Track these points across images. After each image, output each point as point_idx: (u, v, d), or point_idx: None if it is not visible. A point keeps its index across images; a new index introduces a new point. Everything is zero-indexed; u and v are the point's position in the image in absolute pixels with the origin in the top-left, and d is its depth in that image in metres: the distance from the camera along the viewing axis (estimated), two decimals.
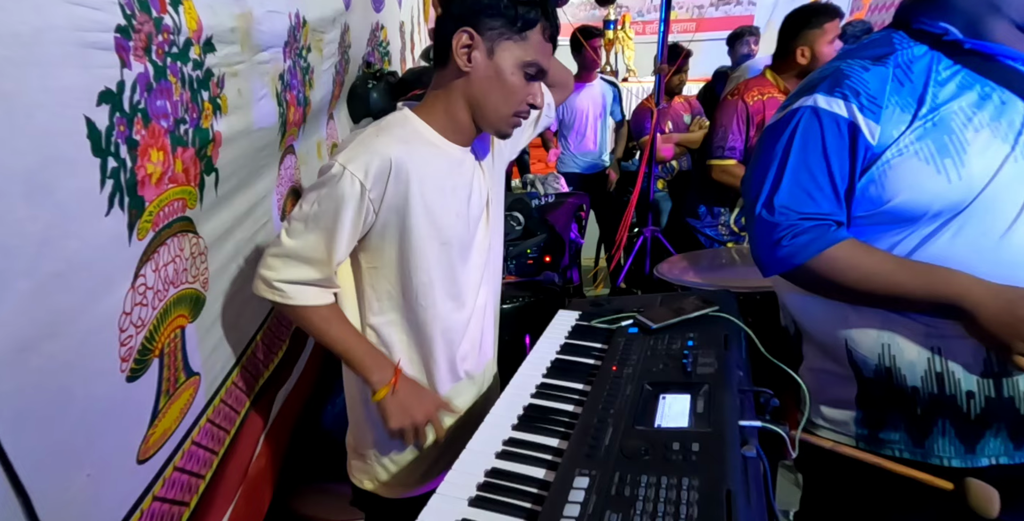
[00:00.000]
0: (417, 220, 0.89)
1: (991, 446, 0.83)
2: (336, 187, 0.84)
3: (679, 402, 0.77)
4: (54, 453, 0.57)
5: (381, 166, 0.84)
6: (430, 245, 0.92)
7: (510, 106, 0.90)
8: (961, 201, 0.77)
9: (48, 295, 0.56)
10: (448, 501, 0.67)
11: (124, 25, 0.68)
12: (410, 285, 0.94)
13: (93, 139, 0.62)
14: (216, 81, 0.96)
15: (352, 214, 0.85)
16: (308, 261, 0.87)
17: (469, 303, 1.01)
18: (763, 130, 0.91)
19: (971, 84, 0.78)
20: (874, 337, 0.87)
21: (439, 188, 0.91)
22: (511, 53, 0.86)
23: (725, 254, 2.00)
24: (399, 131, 0.90)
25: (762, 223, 0.88)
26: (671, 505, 0.57)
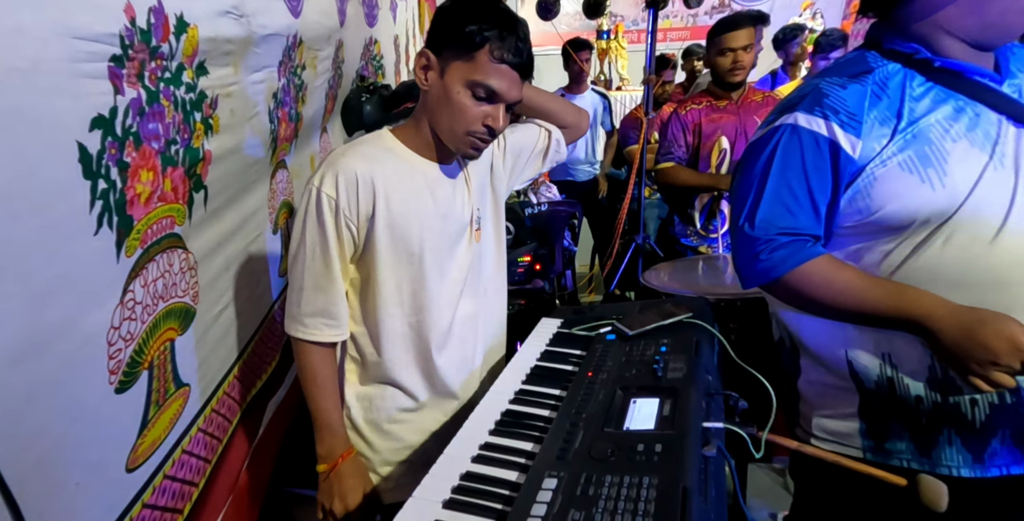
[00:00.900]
0: (382, 233, 0.92)
1: (1000, 455, 0.85)
2: (313, 210, 0.89)
3: (648, 406, 0.80)
4: (42, 462, 0.60)
5: (347, 180, 0.88)
6: (396, 258, 0.95)
7: (461, 125, 0.91)
8: (947, 208, 0.80)
9: (36, 312, 0.60)
10: (423, 504, 0.70)
11: (119, 55, 0.73)
12: (377, 297, 0.96)
13: (84, 163, 0.66)
14: (209, 102, 1.00)
15: (335, 232, 0.90)
16: (320, 288, 0.92)
17: (446, 318, 1.02)
18: (746, 146, 0.95)
19: (944, 99, 0.82)
20: (874, 348, 0.89)
21: (406, 202, 0.93)
22: (458, 72, 0.88)
23: (708, 262, 2.05)
24: (367, 149, 0.94)
25: (743, 237, 0.91)
26: (630, 502, 0.60)
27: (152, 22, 0.80)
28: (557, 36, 3.70)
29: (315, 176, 0.90)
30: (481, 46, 0.87)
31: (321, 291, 0.92)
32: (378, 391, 1.02)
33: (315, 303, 0.93)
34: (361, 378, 1.03)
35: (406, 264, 0.96)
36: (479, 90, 0.89)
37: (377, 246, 0.93)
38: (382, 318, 0.97)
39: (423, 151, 0.98)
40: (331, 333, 0.95)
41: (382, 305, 0.96)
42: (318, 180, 0.89)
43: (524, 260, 2.01)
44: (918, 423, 0.88)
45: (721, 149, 2.04)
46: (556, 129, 1.20)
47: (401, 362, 1.01)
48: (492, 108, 0.91)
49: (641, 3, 6.68)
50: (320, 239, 0.90)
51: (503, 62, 0.88)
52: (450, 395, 1.06)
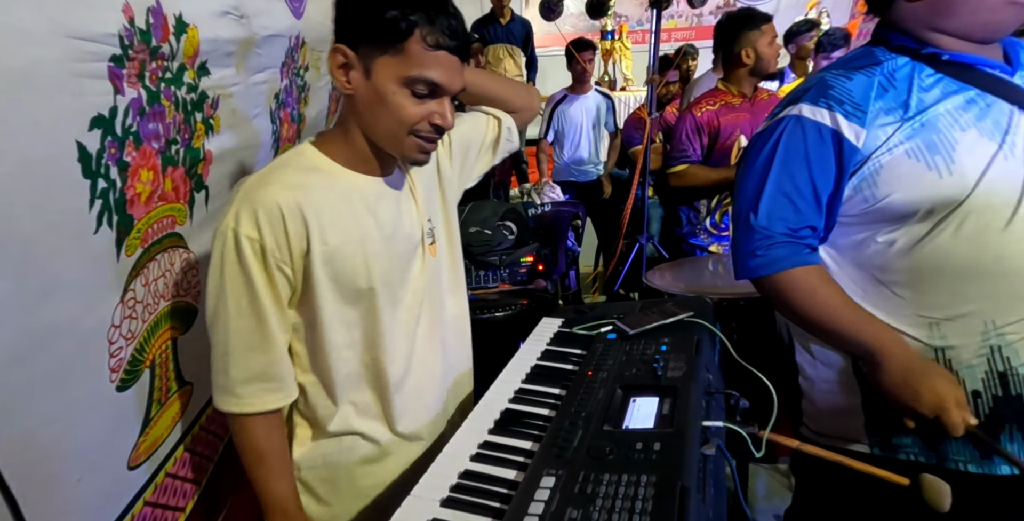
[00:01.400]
0: (320, 271, 0.78)
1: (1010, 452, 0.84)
2: (233, 257, 0.73)
3: (647, 404, 0.80)
4: (43, 460, 0.61)
5: (270, 216, 0.73)
6: (342, 296, 0.81)
7: (403, 128, 0.77)
8: (955, 197, 0.80)
9: (37, 310, 0.60)
10: (421, 502, 0.70)
11: (119, 55, 0.73)
12: (326, 341, 0.82)
13: (84, 162, 0.67)
14: (211, 103, 1.01)
15: (265, 279, 0.75)
16: (252, 347, 0.76)
17: (403, 349, 0.89)
18: (751, 137, 0.97)
19: (955, 90, 0.82)
20: None
21: (344, 231, 0.79)
22: (389, 70, 0.74)
23: (711, 262, 2.04)
24: (287, 173, 0.78)
25: (745, 229, 0.93)
26: (628, 501, 0.60)
27: (151, 22, 0.80)
28: (560, 37, 3.70)
29: (228, 215, 0.74)
30: (409, 34, 0.72)
31: (255, 351, 0.77)
32: (334, 445, 0.88)
33: (249, 367, 0.77)
34: (314, 434, 0.88)
35: (354, 301, 0.82)
36: (419, 87, 0.74)
37: (317, 286, 0.78)
38: (334, 363, 0.83)
39: (357, 165, 0.83)
40: (274, 398, 0.79)
41: (332, 349, 0.82)
42: (233, 220, 0.73)
43: (527, 260, 2.00)
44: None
45: (740, 147, 2.04)
46: (506, 115, 1.06)
47: (359, 407, 0.88)
48: (436, 104, 0.77)
49: (645, 3, 6.69)
50: (246, 290, 0.74)
51: (439, 48, 0.74)
52: (414, 436, 0.93)
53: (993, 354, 0.82)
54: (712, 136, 2.04)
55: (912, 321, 0.86)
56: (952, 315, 0.84)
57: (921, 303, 0.85)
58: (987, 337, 0.82)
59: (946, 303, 0.84)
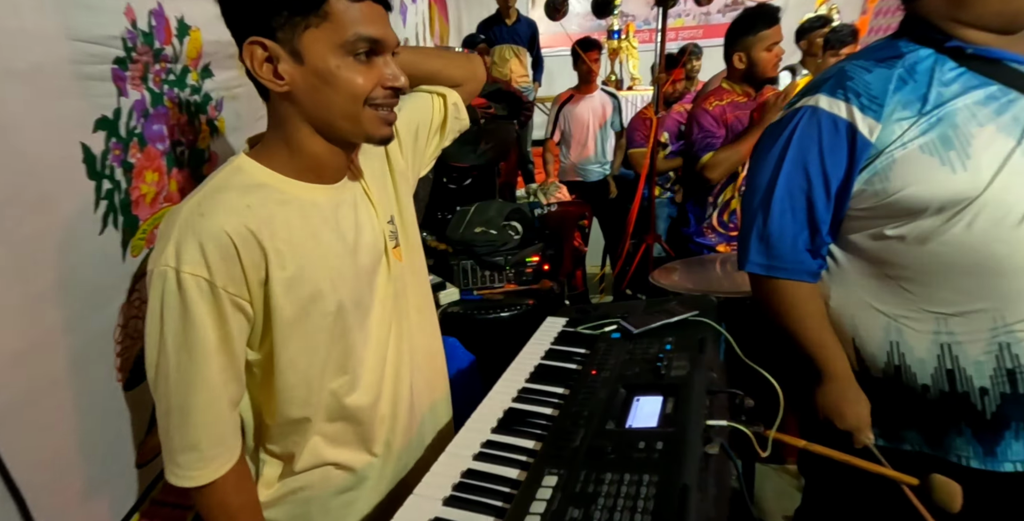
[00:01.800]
0: (283, 301, 0.68)
1: (1014, 450, 0.83)
2: (175, 301, 0.62)
3: (651, 404, 0.79)
4: (51, 457, 0.62)
5: (219, 247, 0.63)
6: (308, 324, 0.71)
7: (358, 102, 0.68)
8: (967, 192, 0.79)
9: (44, 309, 0.61)
10: (424, 501, 0.70)
11: (123, 57, 0.74)
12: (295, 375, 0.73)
13: (88, 163, 0.67)
14: (215, 104, 1.02)
15: (213, 327, 0.64)
16: (186, 411, 0.65)
17: (376, 368, 0.82)
18: (767, 126, 0.98)
19: (976, 84, 0.82)
20: (882, 336, 0.90)
21: (304, 252, 0.70)
22: (321, 43, 0.65)
23: (718, 261, 2.02)
24: (230, 196, 0.67)
25: (755, 221, 0.95)
26: (629, 500, 0.59)
27: (153, 25, 0.81)
28: (566, 37, 3.70)
29: (164, 253, 0.62)
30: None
31: (189, 415, 0.66)
32: (306, 480, 0.80)
33: (184, 434, 0.66)
34: (283, 471, 0.80)
35: (319, 327, 0.73)
36: (359, 46, 0.66)
37: (279, 317, 0.69)
38: (301, 394, 0.74)
39: (306, 175, 0.72)
40: (216, 466, 0.68)
41: (300, 381, 0.73)
42: (173, 258, 0.62)
43: (532, 260, 2.00)
44: (926, 411, 0.88)
45: None
46: (450, 91, 0.97)
47: (330, 437, 0.79)
48: (382, 64, 0.69)
49: (652, 2, 6.67)
50: (192, 341, 0.64)
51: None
52: (392, 456, 0.86)
53: (1002, 351, 0.81)
54: (729, 126, 2.03)
55: (919, 316, 0.86)
56: (961, 311, 0.83)
57: (929, 298, 0.85)
58: (996, 334, 0.82)
59: (955, 299, 0.83)
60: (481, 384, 1.58)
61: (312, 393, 0.75)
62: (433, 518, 0.67)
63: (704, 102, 2.09)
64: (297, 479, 0.79)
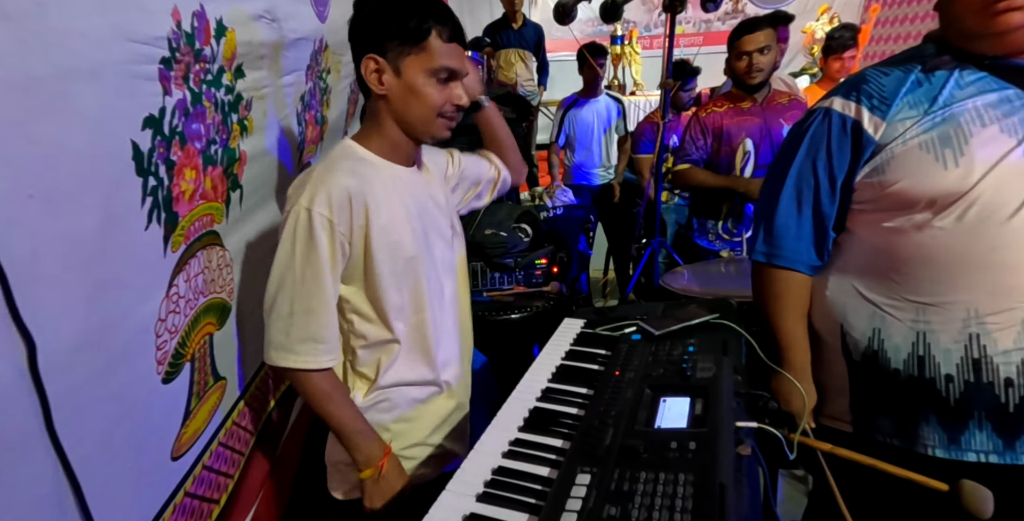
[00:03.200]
0: (378, 245, 0.92)
1: (977, 440, 0.86)
2: (307, 231, 0.86)
3: (678, 405, 0.81)
4: (100, 446, 0.63)
5: (340, 199, 0.87)
6: (393, 265, 0.95)
7: (433, 111, 0.94)
8: (957, 188, 0.82)
9: (97, 303, 0.62)
10: (457, 497, 0.71)
11: (168, 57, 0.75)
12: (383, 307, 0.96)
13: (137, 160, 0.69)
14: (245, 104, 1.03)
15: (328, 253, 0.88)
16: (310, 311, 0.88)
17: (442, 313, 1.05)
18: (791, 128, 1.06)
19: (993, 88, 0.85)
20: (867, 321, 0.94)
21: (391, 211, 0.94)
22: (416, 66, 0.90)
23: (723, 264, 2.04)
24: (347, 163, 0.93)
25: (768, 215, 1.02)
26: (667, 498, 0.61)
27: (196, 26, 0.83)
28: (571, 42, 3.72)
29: (302, 196, 0.87)
30: (428, 34, 0.89)
31: (313, 315, 0.89)
32: (388, 394, 1.02)
33: (307, 328, 0.89)
34: (370, 389, 1.02)
35: (403, 269, 0.96)
36: (441, 74, 0.92)
37: (376, 256, 0.92)
38: (391, 323, 0.97)
39: (391, 155, 0.99)
40: (326, 359, 0.91)
41: (387, 312, 0.96)
42: (307, 200, 0.86)
43: (541, 263, 2.01)
44: (897, 397, 0.92)
45: (746, 152, 2.04)
46: (504, 168, 1.25)
47: (408, 365, 1.02)
48: (454, 86, 0.95)
49: (655, 9, 6.70)
50: (313, 261, 0.87)
51: (451, 41, 0.92)
52: (448, 385, 1.10)
53: (971, 341, 0.85)
54: (716, 138, 2.07)
55: (902, 304, 0.90)
56: (938, 301, 0.87)
57: (912, 288, 0.89)
58: (968, 325, 0.85)
59: (936, 289, 0.87)
60: (496, 384, 1.59)
61: (397, 323, 0.97)
62: (468, 514, 0.68)
63: (701, 108, 2.14)
64: (380, 393, 1.00)
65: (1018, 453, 0.85)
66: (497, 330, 1.84)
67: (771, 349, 1.03)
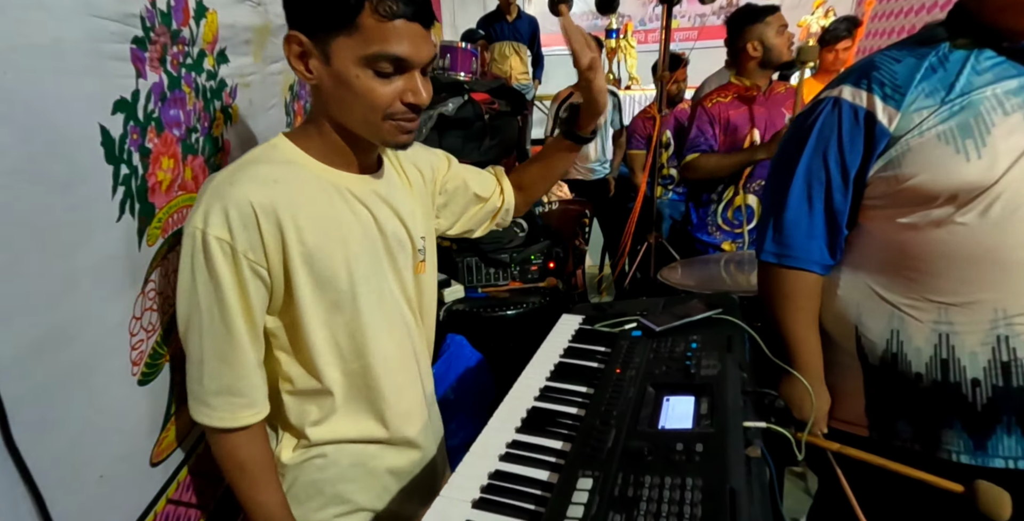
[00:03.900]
0: (300, 272, 0.73)
1: (1005, 445, 0.83)
2: (202, 260, 0.68)
3: (683, 404, 0.77)
4: (68, 454, 0.59)
5: (242, 215, 0.68)
6: (322, 299, 0.76)
7: (376, 113, 0.71)
8: (982, 180, 0.78)
9: (61, 299, 0.58)
10: (451, 503, 0.67)
11: (141, 37, 0.71)
12: (311, 348, 0.77)
13: (107, 146, 0.64)
14: (229, 91, 0.99)
15: (234, 286, 0.69)
16: (223, 358, 0.71)
17: (392, 355, 0.85)
18: (796, 116, 1.03)
19: (1013, 74, 0.80)
20: (884, 323, 0.90)
21: (323, 229, 0.74)
22: (346, 51, 0.67)
23: (723, 260, 2.02)
24: (260, 169, 0.72)
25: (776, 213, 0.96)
26: (675, 505, 0.57)
27: (172, 5, 0.78)
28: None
29: (195, 214, 0.68)
30: (359, 7, 0.66)
31: (226, 363, 0.71)
32: (324, 449, 0.84)
33: (220, 378, 0.72)
34: (298, 445, 0.83)
35: (336, 304, 0.77)
36: (381, 64, 0.68)
37: (298, 289, 0.73)
38: (321, 370, 0.79)
39: (333, 160, 0.77)
40: (247, 414, 0.74)
41: (318, 356, 0.78)
42: (201, 220, 0.67)
43: (536, 258, 1.98)
44: (919, 402, 0.88)
45: (753, 141, 2.02)
46: (512, 197, 1.07)
47: (349, 420, 0.83)
48: (406, 80, 0.71)
49: (650, 3, 6.67)
50: (217, 297, 0.69)
51: (395, 17, 0.66)
52: (407, 441, 0.90)
53: (999, 343, 0.81)
54: (723, 128, 2.03)
55: (922, 305, 0.86)
56: (962, 301, 0.83)
57: (933, 287, 0.85)
58: (995, 326, 0.81)
59: (959, 289, 0.83)
60: (492, 382, 1.56)
61: (330, 368, 0.79)
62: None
63: (705, 99, 2.09)
64: (311, 451, 0.83)
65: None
66: (492, 326, 1.81)
67: (779, 349, 0.99)
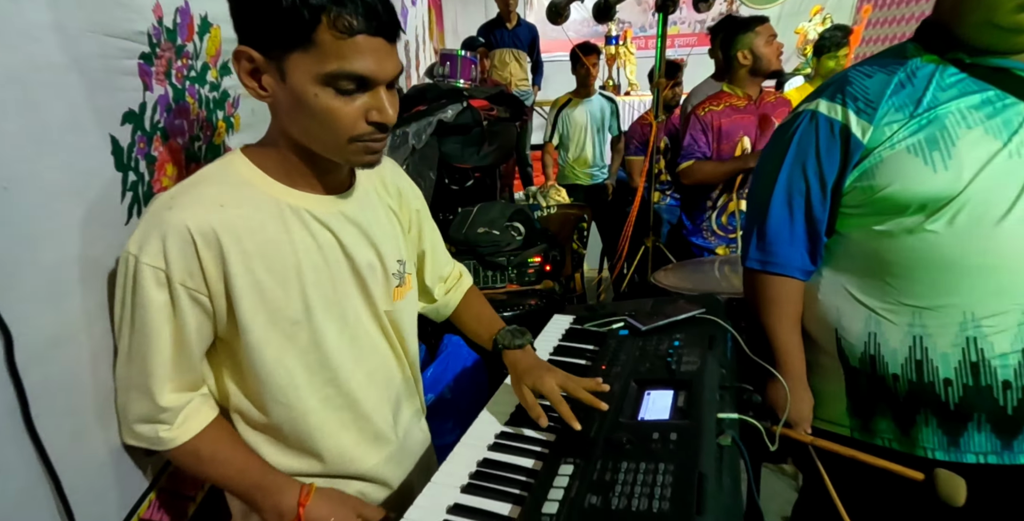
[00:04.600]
0: (248, 304, 0.67)
1: (976, 441, 0.86)
2: (131, 288, 0.63)
3: (662, 397, 0.81)
4: (78, 437, 0.63)
5: (179, 241, 0.62)
6: (276, 331, 0.70)
7: (340, 134, 0.65)
8: (948, 190, 0.82)
9: (77, 296, 0.62)
10: (442, 488, 0.71)
11: (148, 52, 0.75)
12: (269, 384, 0.71)
13: (116, 155, 0.69)
14: (232, 101, 1.03)
15: (166, 319, 0.64)
16: (146, 391, 0.66)
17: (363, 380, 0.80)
18: (776, 128, 1.05)
19: (974, 89, 0.84)
20: (862, 326, 0.93)
21: (274, 254, 0.68)
22: (302, 69, 0.61)
23: (717, 263, 2.05)
24: (207, 190, 0.66)
25: (758, 221, 1.00)
26: (647, 487, 0.61)
27: (178, 22, 0.83)
28: (566, 42, 3.73)
29: (133, 238, 0.63)
30: (316, 22, 0.59)
31: (148, 396, 0.66)
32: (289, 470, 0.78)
33: (141, 407, 0.67)
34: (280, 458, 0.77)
35: (290, 337, 0.71)
36: (342, 83, 0.62)
37: (243, 318, 0.67)
38: (292, 402, 0.73)
39: (295, 180, 0.71)
40: (170, 438, 0.68)
41: (280, 391, 0.72)
42: (135, 245, 0.62)
43: (534, 261, 2.01)
44: (896, 402, 0.91)
45: (744, 149, 2.06)
46: (449, 303, 1.03)
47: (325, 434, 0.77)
48: (370, 98, 0.65)
49: (649, 10, 6.73)
50: (141, 327, 0.64)
51: (355, 33, 0.60)
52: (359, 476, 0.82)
53: (969, 345, 0.85)
54: (715, 136, 2.08)
55: (897, 308, 0.90)
56: (934, 305, 0.87)
57: (907, 291, 0.89)
58: (965, 328, 0.85)
59: (930, 293, 0.87)
60: (487, 381, 1.59)
61: (300, 401, 0.73)
62: (452, 505, 0.68)
63: (698, 108, 2.13)
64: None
65: (1016, 453, 0.85)
66: None
67: (766, 353, 1.02)
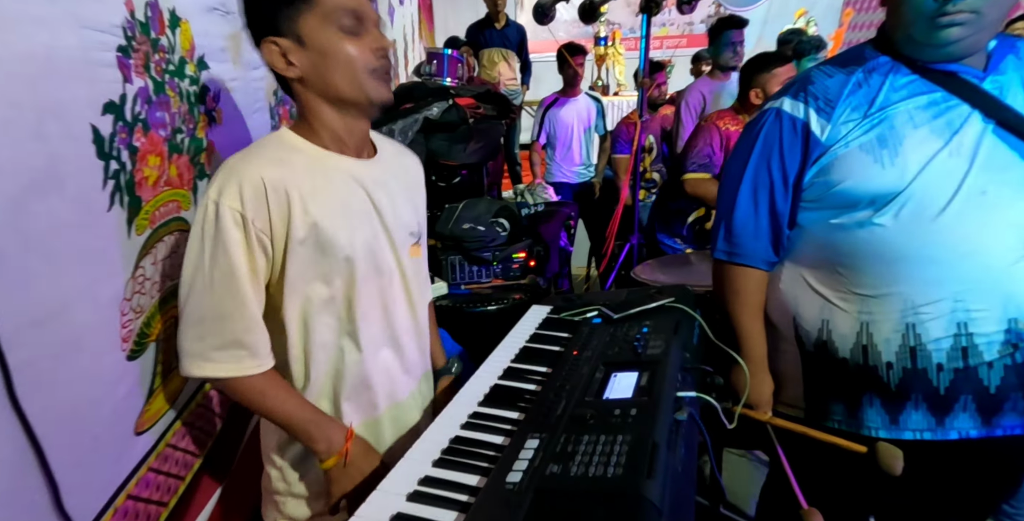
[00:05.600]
0: (306, 242, 0.79)
1: (913, 419, 0.92)
2: (212, 227, 0.74)
3: (627, 378, 0.84)
4: (64, 415, 0.65)
5: (254, 189, 0.75)
6: (326, 265, 0.82)
7: (358, 67, 0.80)
8: (893, 186, 0.87)
9: (58, 278, 0.65)
10: (414, 463, 0.74)
11: (124, 45, 0.78)
12: (310, 314, 0.84)
13: (98, 144, 0.71)
14: (212, 95, 1.06)
15: (243, 251, 0.76)
16: (223, 317, 0.76)
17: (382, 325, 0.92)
18: (745, 125, 1.10)
19: (923, 90, 0.89)
20: (817, 312, 0.99)
21: (327, 204, 0.81)
22: (313, 25, 0.77)
23: (692, 259, 2.10)
24: (270, 152, 0.81)
25: (727, 215, 1.04)
26: (604, 456, 0.64)
27: (149, 16, 0.85)
28: (554, 43, 3.78)
29: (211, 188, 0.75)
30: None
31: (227, 320, 0.76)
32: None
33: (222, 334, 0.76)
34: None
35: (333, 273, 0.83)
36: (345, 20, 0.78)
37: (298, 259, 0.80)
38: (314, 329, 0.84)
39: (335, 145, 0.86)
40: (250, 365, 0.79)
41: (316, 314, 0.84)
42: (216, 192, 0.75)
43: (519, 256, 2.04)
44: (845, 384, 0.97)
45: None
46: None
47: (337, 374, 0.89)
48: (368, 36, 0.81)
49: (637, 10, 6.80)
50: (225, 260, 0.75)
51: None
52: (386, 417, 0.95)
53: (908, 330, 0.90)
54: (726, 154, 2.12)
55: (848, 297, 0.95)
56: (879, 293, 0.92)
57: (856, 281, 0.94)
58: (905, 315, 0.90)
59: (876, 282, 0.92)
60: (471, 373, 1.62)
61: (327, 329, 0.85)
62: (423, 477, 0.71)
63: (719, 121, 2.16)
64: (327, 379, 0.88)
65: (947, 430, 0.91)
66: (474, 321, 1.87)
67: (732, 340, 1.06)
